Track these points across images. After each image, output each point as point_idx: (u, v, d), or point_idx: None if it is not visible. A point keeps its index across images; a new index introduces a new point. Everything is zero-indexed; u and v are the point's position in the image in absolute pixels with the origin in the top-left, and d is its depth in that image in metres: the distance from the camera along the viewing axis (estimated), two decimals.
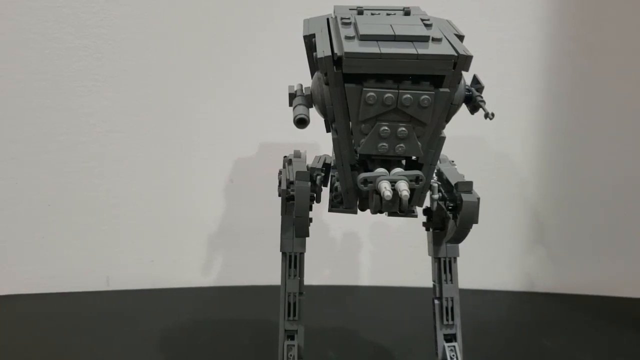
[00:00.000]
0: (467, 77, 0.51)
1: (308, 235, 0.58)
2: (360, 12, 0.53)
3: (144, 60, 0.92)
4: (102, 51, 0.90)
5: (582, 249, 1.01)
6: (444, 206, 0.56)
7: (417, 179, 0.48)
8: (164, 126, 0.95)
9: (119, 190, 0.97)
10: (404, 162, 0.50)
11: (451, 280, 0.64)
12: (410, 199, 0.49)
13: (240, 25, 0.91)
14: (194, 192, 0.97)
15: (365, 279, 1.03)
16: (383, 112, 0.46)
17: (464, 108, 0.52)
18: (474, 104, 0.51)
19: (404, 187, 0.47)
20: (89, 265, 0.99)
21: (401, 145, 0.47)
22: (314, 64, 0.50)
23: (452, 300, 0.64)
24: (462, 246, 0.61)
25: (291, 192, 0.57)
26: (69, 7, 0.88)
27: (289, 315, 0.61)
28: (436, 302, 0.64)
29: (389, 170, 0.48)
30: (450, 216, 0.55)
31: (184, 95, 0.93)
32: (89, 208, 0.97)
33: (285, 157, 0.65)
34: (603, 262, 1.01)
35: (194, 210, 0.98)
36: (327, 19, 0.55)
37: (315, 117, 0.51)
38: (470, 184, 0.54)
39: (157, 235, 0.99)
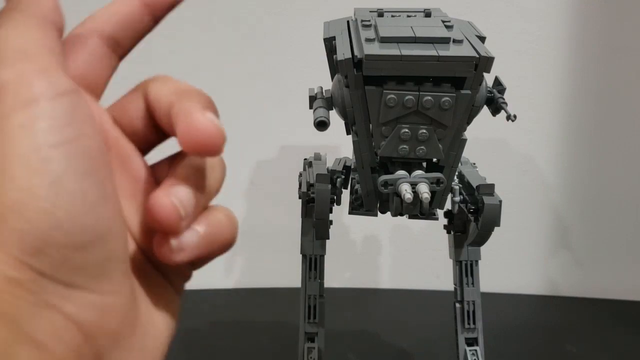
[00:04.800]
0: (488, 79, 0.51)
1: (328, 238, 0.58)
2: (380, 14, 0.53)
3: (162, 62, 0.92)
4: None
5: (607, 253, 1.00)
6: (465, 209, 0.56)
7: (438, 182, 0.47)
8: None
9: None
10: (424, 164, 0.50)
11: (473, 283, 0.63)
12: (431, 202, 0.48)
13: (262, 27, 0.92)
14: None
15: (385, 282, 1.03)
16: (404, 114, 0.46)
17: (485, 110, 0.51)
18: (495, 106, 0.51)
19: (424, 190, 0.46)
20: None
21: (422, 147, 0.47)
22: (334, 66, 0.51)
23: (473, 304, 0.63)
24: (484, 249, 0.61)
25: (311, 195, 0.57)
26: (81, 12, 0.90)
27: (309, 317, 0.61)
28: (457, 305, 0.64)
29: (410, 173, 0.48)
30: (472, 219, 0.54)
31: None
32: None
33: (305, 159, 0.65)
34: (628, 266, 0.99)
35: None
36: (348, 22, 0.55)
37: (336, 119, 0.51)
38: (492, 186, 0.53)
39: None
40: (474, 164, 0.62)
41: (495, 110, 0.51)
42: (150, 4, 0.29)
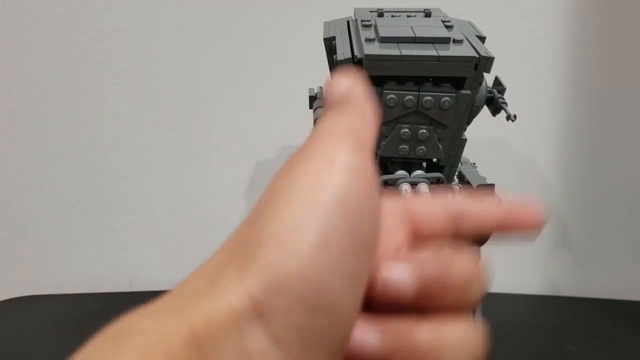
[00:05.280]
0: (488, 79, 0.51)
1: None
2: (380, 14, 0.53)
3: (167, 63, 0.92)
4: (126, 55, 0.92)
5: (607, 253, 0.99)
6: None
7: (437, 181, 0.48)
8: (187, 129, 0.95)
9: (142, 193, 0.98)
10: (424, 164, 0.50)
11: None
12: None
13: (262, 27, 0.92)
14: (215, 194, 0.98)
15: None
16: (404, 114, 0.46)
17: (485, 110, 0.51)
18: (495, 106, 0.51)
19: (424, 190, 0.46)
20: (111, 267, 1.00)
21: (422, 147, 0.47)
22: (334, 66, 0.51)
23: None
24: (484, 249, 0.60)
25: None
26: (90, 11, 0.90)
27: None
28: None
29: (410, 173, 0.48)
30: None
31: (206, 99, 0.94)
32: (112, 210, 0.98)
33: None
34: (628, 266, 0.99)
35: (216, 212, 0.99)
36: (348, 22, 0.55)
37: None
38: (492, 186, 0.53)
39: (180, 237, 0.99)
40: (474, 164, 0.62)
41: (495, 110, 0.51)
42: (505, 224, 0.29)
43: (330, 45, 0.52)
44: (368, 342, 0.24)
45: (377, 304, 0.25)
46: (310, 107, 0.52)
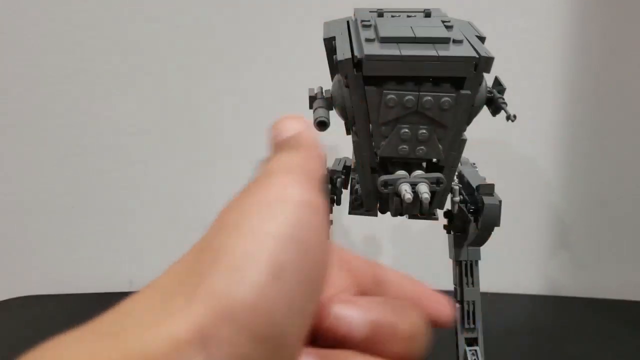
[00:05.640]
0: (488, 79, 0.51)
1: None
2: (380, 14, 0.53)
3: (169, 64, 0.93)
4: (128, 55, 0.92)
5: (607, 253, 1.00)
6: (465, 209, 0.56)
7: (437, 182, 0.47)
8: (188, 129, 0.95)
9: (142, 193, 0.98)
10: (424, 164, 0.50)
11: (472, 283, 0.63)
12: (431, 202, 0.48)
13: (262, 27, 0.92)
14: (216, 194, 0.98)
15: None
16: (403, 114, 0.46)
17: (485, 110, 0.51)
18: (495, 106, 0.51)
19: (424, 190, 0.46)
20: (112, 267, 1.00)
21: (422, 147, 0.47)
22: (334, 66, 0.51)
23: (473, 304, 0.63)
24: (484, 249, 0.60)
25: None
26: (92, 11, 0.90)
27: None
28: (457, 305, 0.64)
29: (410, 173, 0.48)
30: (472, 219, 0.54)
31: (206, 100, 0.94)
32: (113, 210, 0.98)
33: None
34: (628, 266, 0.99)
35: (216, 212, 0.99)
36: (347, 22, 0.55)
37: (336, 119, 0.51)
38: (491, 186, 0.53)
39: (180, 237, 0.99)
40: (474, 164, 0.62)
41: (495, 110, 0.51)
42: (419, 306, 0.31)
43: (330, 45, 0.52)
44: None
45: (322, 339, 0.25)
46: (310, 107, 0.52)
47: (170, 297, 0.22)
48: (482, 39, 0.50)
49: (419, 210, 0.49)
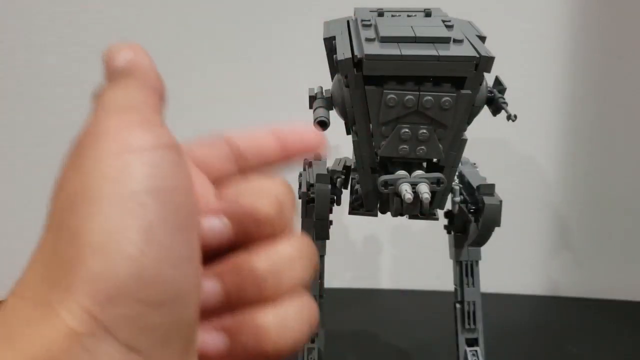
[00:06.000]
0: (489, 79, 0.51)
1: (328, 238, 0.58)
2: (380, 14, 0.53)
3: (166, 64, 0.92)
4: None
5: (608, 253, 0.99)
6: (465, 209, 0.55)
7: (438, 182, 0.47)
8: (186, 128, 0.95)
9: None
10: (424, 164, 0.50)
11: (473, 283, 0.63)
12: (431, 202, 0.48)
13: (262, 27, 0.92)
14: None
15: (386, 282, 1.02)
16: (404, 114, 0.46)
17: (485, 110, 0.51)
18: (496, 106, 0.51)
19: (425, 190, 0.46)
20: None
21: (422, 147, 0.47)
22: (334, 66, 0.51)
23: (473, 304, 0.63)
24: (485, 249, 0.60)
25: (311, 195, 0.57)
26: (91, 11, 0.90)
27: None
28: (458, 306, 0.63)
29: (410, 173, 0.48)
30: (472, 219, 0.54)
31: (205, 98, 0.94)
32: None
33: (305, 159, 0.65)
34: (628, 266, 0.99)
35: None
36: (348, 21, 0.55)
37: (336, 119, 0.51)
38: (492, 186, 0.53)
39: None
40: (474, 164, 0.62)
41: (495, 110, 0.51)
42: (286, 149, 0.30)
43: (330, 45, 0.52)
44: (209, 290, 0.24)
45: (206, 256, 0.24)
46: (310, 107, 0.52)
47: (49, 290, 0.20)
48: (482, 39, 0.50)
49: (419, 210, 0.49)
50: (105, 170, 0.21)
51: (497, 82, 0.52)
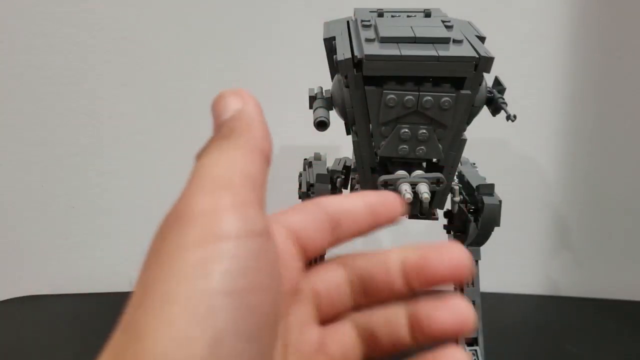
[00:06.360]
0: (488, 79, 0.51)
1: None
2: (380, 14, 0.53)
3: (167, 65, 0.92)
4: (126, 56, 0.92)
5: (608, 253, 0.99)
6: (465, 209, 0.56)
7: (437, 182, 0.47)
8: (187, 129, 0.95)
9: (142, 192, 0.98)
10: (424, 164, 0.50)
11: (472, 283, 0.63)
12: (430, 202, 0.48)
13: (262, 27, 0.92)
14: None
15: None
16: (403, 114, 0.46)
17: (485, 110, 0.51)
18: (495, 106, 0.51)
19: (424, 190, 0.46)
20: (111, 267, 1.00)
21: (422, 147, 0.47)
22: (334, 66, 0.51)
23: (473, 304, 0.63)
24: (484, 249, 0.60)
25: (311, 195, 0.57)
26: (92, 12, 0.90)
27: None
28: None
29: (410, 173, 0.48)
30: (472, 219, 0.54)
31: (206, 99, 0.94)
32: (112, 210, 0.98)
33: (305, 159, 0.65)
34: (628, 266, 0.99)
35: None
36: (348, 22, 0.55)
37: (336, 119, 0.51)
38: (491, 186, 0.53)
39: None
40: (474, 164, 0.62)
41: (495, 110, 0.51)
42: (375, 215, 0.29)
43: (330, 45, 0.52)
44: None
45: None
46: (310, 107, 0.52)
47: None
48: (482, 39, 0.50)
49: (419, 210, 0.49)
50: (181, 266, 0.20)
51: (497, 82, 0.52)
